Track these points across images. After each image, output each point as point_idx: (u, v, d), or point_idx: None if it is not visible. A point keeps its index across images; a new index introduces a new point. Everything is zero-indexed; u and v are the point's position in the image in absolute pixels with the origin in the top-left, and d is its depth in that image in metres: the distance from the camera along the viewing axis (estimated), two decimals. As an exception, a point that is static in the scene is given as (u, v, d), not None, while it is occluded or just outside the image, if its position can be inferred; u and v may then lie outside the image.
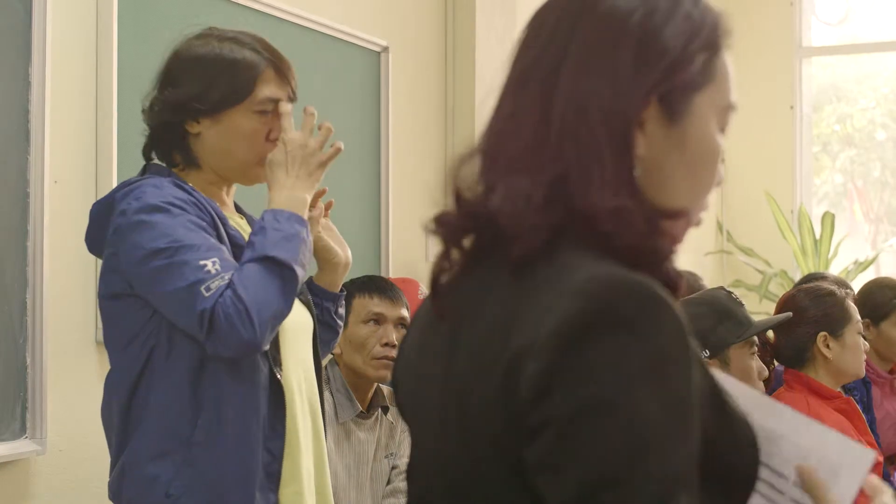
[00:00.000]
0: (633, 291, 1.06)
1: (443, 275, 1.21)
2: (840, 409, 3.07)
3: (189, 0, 3.26)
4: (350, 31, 4.02)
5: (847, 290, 3.46)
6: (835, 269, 6.28)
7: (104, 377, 2.10)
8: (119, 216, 2.00)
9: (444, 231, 1.19)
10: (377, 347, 3.02)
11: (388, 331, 3.04)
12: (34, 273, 2.74)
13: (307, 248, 2.03)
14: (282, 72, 2.11)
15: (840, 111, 7.29)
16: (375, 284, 3.15)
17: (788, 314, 3.04)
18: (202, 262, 1.92)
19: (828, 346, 3.07)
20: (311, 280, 2.30)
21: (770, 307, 5.13)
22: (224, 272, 1.92)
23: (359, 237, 3.94)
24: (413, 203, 4.24)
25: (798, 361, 3.12)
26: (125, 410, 2.02)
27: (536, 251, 1.11)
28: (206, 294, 1.90)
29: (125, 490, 2.02)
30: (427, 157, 4.44)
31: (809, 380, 3.08)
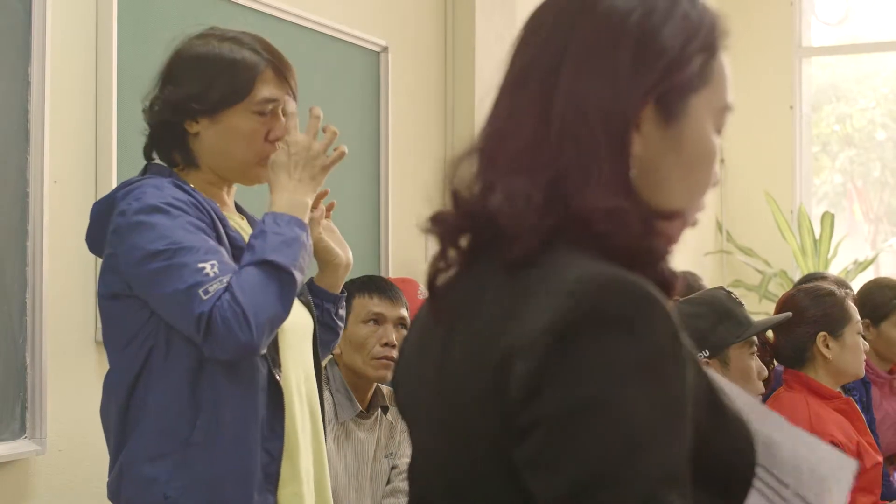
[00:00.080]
0: (624, 291, 1.06)
1: (439, 275, 1.21)
2: (840, 410, 3.07)
3: (188, 0, 3.26)
4: (350, 31, 4.02)
5: (847, 291, 3.46)
6: (834, 269, 6.28)
7: (104, 377, 2.10)
8: (119, 216, 1.99)
9: (441, 230, 1.19)
10: (377, 347, 3.02)
11: (388, 331, 3.04)
12: (34, 273, 2.74)
13: (307, 253, 2.03)
14: (281, 72, 2.10)
15: (840, 111, 7.29)
16: (375, 284, 3.14)
17: (788, 314, 3.04)
18: (201, 265, 1.92)
19: (827, 346, 3.07)
20: (312, 281, 2.29)
21: (770, 307, 5.13)
22: (222, 275, 1.92)
23: (358, 237, 3.94)
24: (413, 203, 4.24)
25: (798, 361, 3.12)
26: (123, 411, 2.02)
27: (532, 252, 1.11)
28: (205, 297, 1.90)
29: (124, 490, 2.02)
30: (427, 157, 4.44)
31: (809, 380, 3.08)
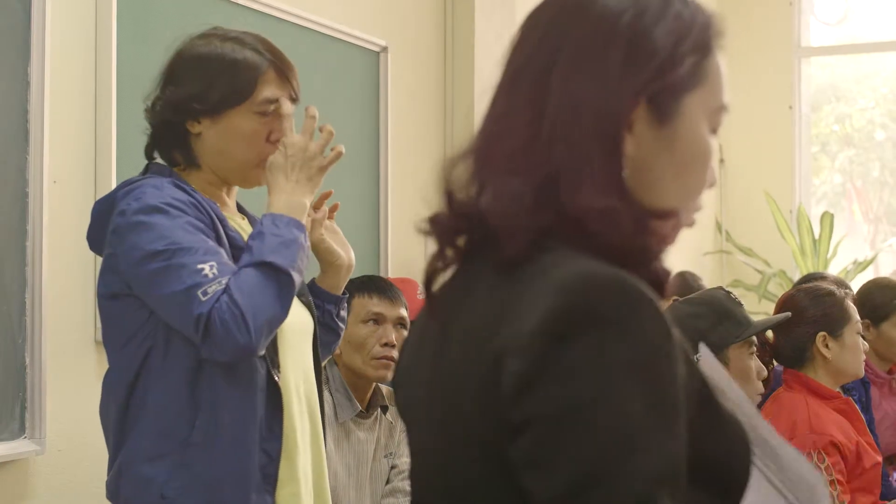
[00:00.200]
0: (615, 288, 1.06)
1: (435, 275, 1.22)
2: (839, 410, 3.07)
3: (188, 0, 3.26)
4: (349, 31, 4.02)
5: (846, 291, 3.46)
6: (834, 269, 6.28)
7: (103, 377, 2.10)
8: (118, 216, 1.99)
9: (438, 231, 1.20)
10: (377, 347, 3.02)
11: (388, 331, 3.04)
12: (33, 273, 2.74)
13: (305, 254, 2.03)
14: (283, 73, 2.10)
15: (839, 111, 7.29)
16: (374, 284, 3.14)
17: (787, 314, 3.04)
18: (200, 266, 1.92)
19: (827, 346, 3.07)
20: (314, 282, 2.29)
21: (769, 307, 5.13)
22: (221, 276, 1.92)
23: (358, 237, 3.94)
24: (412, 203, 4.24)
25: (797, 361, 3.11)
26: (123, 410, 2.02)
27: (524, 251, 1.11)
28: (203, 298, 1.90)
29: (122, 490, 2.02)
30: (426, 157, 4.44)
31: (808, 380, 3.08)
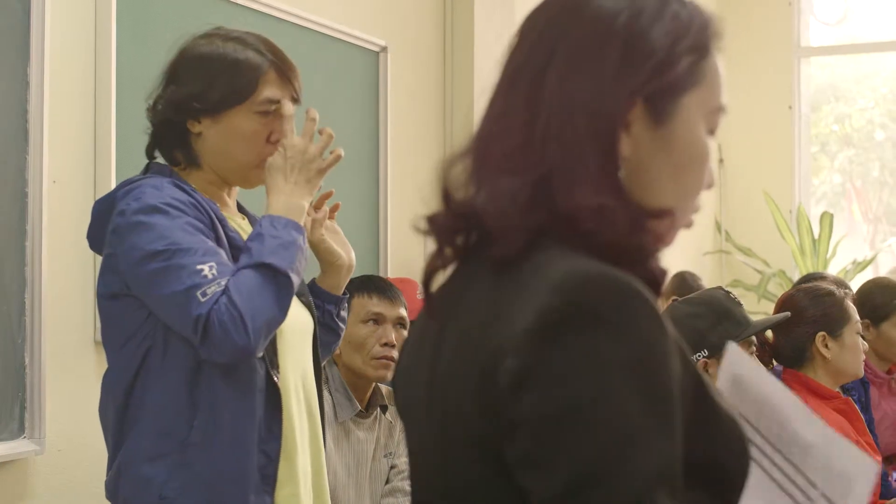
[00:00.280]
0: (610, 287, 1.06)
1: (434, 275, 1.22)
2: (839, 410, 3.07)
3: (188, 0, 3.26)
4: (349, 31, 4.02)
5: (846, 291, 3.46)
6: (833, 269, 6.28)
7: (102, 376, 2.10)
8: (118, 216, 1.99)
9: (436, 231, 1.20)
10: (377, 347, 3.02)
11: (388, 330, 3.04)
12: (33, 273, 2.74)
13: (303, 256, 2.03)
14: (285, 74, 2.10)
15: (838, 111, 7.30)
16: (374, 284, 3.14)
17: (787, 314, 3.04)
18: (199, 267, 1.92)
19: (826, 346, 3.07)
20: (314, 282, 2.29)
21: (768, 307, 5.14)
22: (220, 277, 1.92)
23: (357, 237, 3.94)
24: (412, 203, 4.24)
25: (797, 361, 3.11)
26: (122, 409, 2.02)
27: (519, 250, 1.12)
28: (202, 299, 1.90)
29: (121, 490, 2.02)
30: (426, 157, 4.45)
31: (808, 380, 3.08)
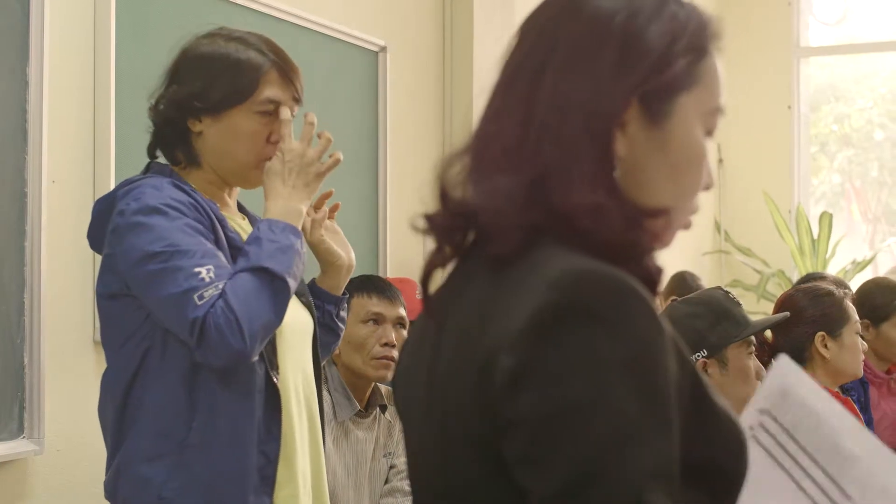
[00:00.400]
0: (606, 285, 1.06)
1: (432, 274, 1.22)
2: (838, 410, 3.06)
3: (187, 0, 3.26)
4: (348, 31, 4.02)
5: (845, 291, 3.46)
6: (832, 269, 6.29)
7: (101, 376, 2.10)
8: (117, 216, 1.99)
9: (434, 230, 1.20)
10: (377, 347, 3.02)
11: (388, 330, 3.04)
12: (32, 273, 2.74)
13: (301, 260, 2.03)
14: (286, 74, 2.10)
15: (838, 111, 7.30)
16: (373, 284, 3.14)
17: (786, 314, 3.04)
18: (197, 270, 1.92)
19: (826, 347, 3.07)
20: (314, 282, 2.29)
21: (768, 307, 5.14)
22: (218, 280, 1.92)
23: (356, 237, 3.94)
24: (411, 203, 4.22)
25: (796, 361, 3.10)
26: (120, 409, 2.02)
27: (515, 249, 1.12)
28: (199, 303, 1.90)
29: (120, 490, 2.02)
30: (425, 157, 4.45)
31: (807, 380, 3.07)
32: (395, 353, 2.99)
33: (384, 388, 3.12)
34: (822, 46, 7.07)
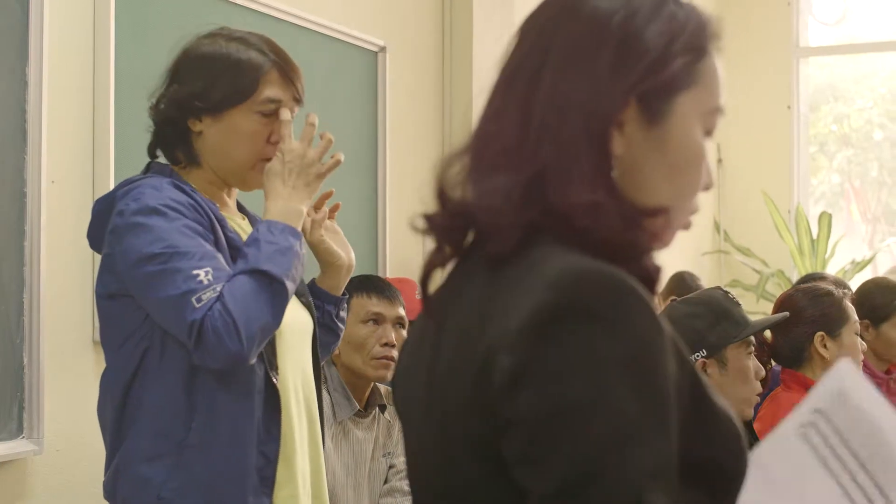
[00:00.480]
0: (605, 284, 1.06)
1: (431, 274, 1.22)
2: (837, 410, 3.06)
3: (186, 0, 3.26)
4: (348, 31, 4.02)
5: (845, 291, 3.46)
6: (832, 269, 6.29)
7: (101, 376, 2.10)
8: (117, 216, 1.99)
9: (434, 230, 1.21)
10: (377, 347, 3.02)
11: (387, 330, 3.04)
12: (31, 273, 2.74)
13: (300, 262, 2.03)
14: (287, 74, 2.10)
15: (837, 111, 7.30)
16: (373, 284, 3.15)
17: (786, 314, 3.04)
18: (195, 272, 1.92)
19: (825, 346, 3.07)
20: (314, 282, 2.29)
21: (767, 307, 5.14)
22: (216, 283, 1.92)
23: (356, 237, 3.93)
24: (411, 203, 4.22)
25: (795, 361, 3.11)
26: (120, 409, 2.02)
27: (513, 248, 1.12)
28: (197, 305, 1.90)
29: (119, 490, 2.02)
30: (425, 157, 4.45)
31: (807, 380, 3.07)
32: (395, 353, 2.99)
33: (383, 388, 3.12)
34: (822, 46, 7.07)
